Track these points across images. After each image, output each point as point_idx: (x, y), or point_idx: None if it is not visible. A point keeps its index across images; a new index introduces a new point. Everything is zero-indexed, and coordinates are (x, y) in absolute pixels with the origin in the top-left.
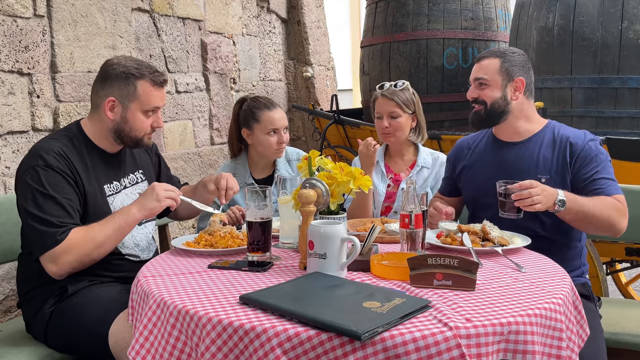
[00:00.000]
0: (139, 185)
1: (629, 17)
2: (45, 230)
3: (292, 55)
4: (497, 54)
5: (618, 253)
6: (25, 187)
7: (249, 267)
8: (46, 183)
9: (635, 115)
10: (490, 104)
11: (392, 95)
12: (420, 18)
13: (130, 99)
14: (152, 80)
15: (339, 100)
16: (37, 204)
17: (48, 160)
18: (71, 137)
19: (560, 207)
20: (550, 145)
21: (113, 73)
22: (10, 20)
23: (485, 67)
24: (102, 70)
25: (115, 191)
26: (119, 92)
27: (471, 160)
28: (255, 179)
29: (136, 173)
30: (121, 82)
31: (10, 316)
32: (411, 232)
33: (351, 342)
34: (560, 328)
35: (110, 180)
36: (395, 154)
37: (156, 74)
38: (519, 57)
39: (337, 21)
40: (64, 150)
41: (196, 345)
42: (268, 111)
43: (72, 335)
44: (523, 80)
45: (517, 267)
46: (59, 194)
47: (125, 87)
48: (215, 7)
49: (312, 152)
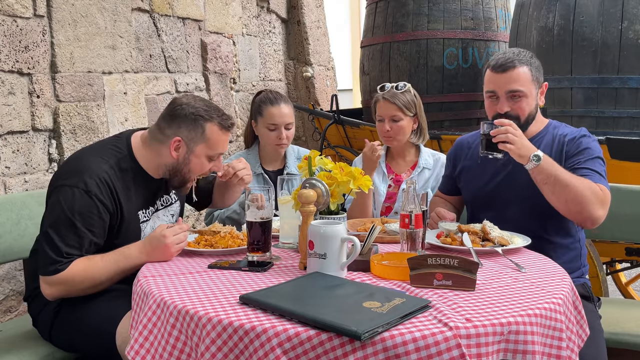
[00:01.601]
0: (172, 206)
1: (629, 17)
2: (51, 256)
3: (292, 55)
4: (524, 61)
5: (618, 253)
6: (55, 202)
7: (249, 267)
8: (77, 209)
9: (635, 115)
10: (525, 118)
11: (394, 99)
12: (420, 18)
13: (198, 141)
14: (221, 124)
15: (339, 100)
16: (57, 225)
17: (89, 185)
18: (120, 159)
19: (535, 161)
20: (549, 144)
21: (182, 113)
22: (10, 20)
23: (520, 78)
24: (170, 107)
25: (148, 217)
26: (187, 133)
27: (472, 160)
28: (265, 170)
29: (171, 194)
30: (190, 123)
31: (11, 316)
32: (411, 232)
33: (351, 342)
34: (560, 328)
35: (147, 205)
36: (397, 155)
37: (224, 117)
38: (536, 59)
39: (337, 21)
40: (110, 175)
41: (196, 345)
42: (271, 106)
43: (77, 332)
44: (547, 84)
45: (517, 267)
46: (83, 224)
47: (193, 129)
48: (215, 7)
49: (312, 152)
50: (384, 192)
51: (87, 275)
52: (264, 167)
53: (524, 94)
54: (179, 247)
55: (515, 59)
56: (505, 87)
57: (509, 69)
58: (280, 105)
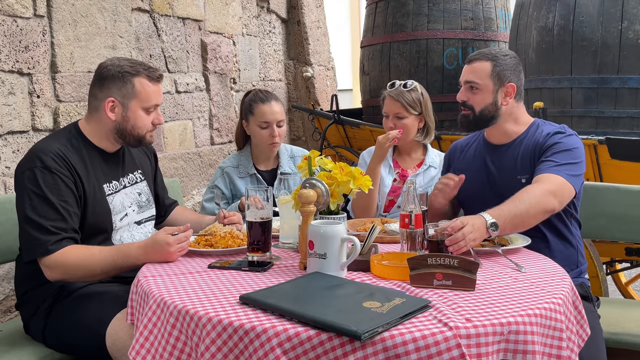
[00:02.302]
0: (138, 185)
1: (629, 17)
2: (38, 236)
3: (292, 55)
4: (488, 56)
5: (618, 253)
6: (22, 188)
7: (249, 267)
8: (43, 185)
9: (635, 115)
10: (480, 110)
11: (399, 97)
12: (420, 18)
13: (130, 97)
14: (148, 76)
15: (339, 100)
16: (32, 206)
17: (46, 161)
18: (70, 138)
19: (494, 229)
20: (531, 144)
21: (109, 74)
22: (10, 20)
23: (477, 71)
24: (97, 72)
25: (115, 190)
26: (117, 91)
27: (462, 165)
28: (258, 170)
29: (135, 173)
30: (118, 81)
31: (11, 316)
32: (411, 232)
33: (351, 342)
34: (560, 328)
35: (110, 179)
36: (404, 152)
37: (151, 69)
38: (511, 60)
39: (337, 21)
40: (63, 150)
41: (196, 345)
42: (262, 104)
43: (69, 334)
44: (514, 86)
45: (517, 268)
46: (56, 196)
47: (123, 86)
48: (215, 7)
49: (312, 152)
50: (389, 184)
51: (84, 265)
52: (257, 167)
53: (478, 86)
54: (180, 254)
55: (484, 53)
56: (464, 77)
57: (472, 61)
58: (271, 103)
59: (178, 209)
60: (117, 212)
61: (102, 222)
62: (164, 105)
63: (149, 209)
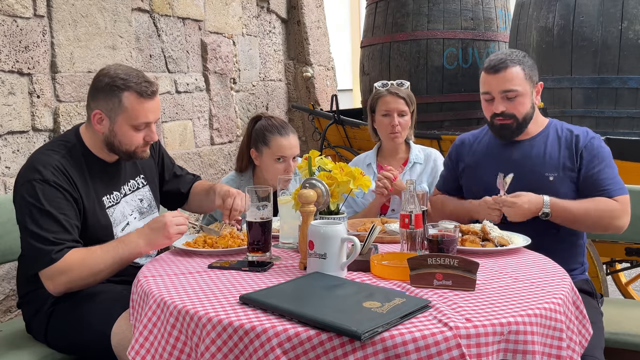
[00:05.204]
0: (140, 191)
1: (629, 17)
2: (41, 247)
3: (292, 55)
4: (516, 61)
5: (618, 253)
6: (22, 201)
7: (249, 267)
8: (43, 198)
9: (635, 115)
10: (522, 116)
11: (401, 93)
12: (420, 18)
13: (116, 112)
14: (139, 91)
15: (339, 100)
16: (33, 219)
17: (45, 175)
18: (70, 148)
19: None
20: (556, 142)
21: (100, 85)
22: (10, 20)
23: (513, 78)
24: (93, 79)
25: (115, 202)
26: (104, 104)
27: (475, 159)
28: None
29: (137, 178)
30: (106, 94)
31: (11, 316)
32: (411, 232)
33: (351, 342)
34: (560, 328)
35: (110, 190)
36: (389, 154)
37: (144, 84)
38: (529, 59)
39: (337, 21)
40: (62, 163)
41: (196, 345)
42: (280, 137)
43: (73, 334)
44: (542, 83)
45: (517, 268)
46: (56, 209)
47: (110, 100)
48: (215, 7)
49: (312, 152)
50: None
51: (86, 264)
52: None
53: (518, 93)
54: (178, 229)
55: (508, 59)
56: (499, 87)
57: (502, 69)
58: (289, 136)
59: (196, 184)
60: (117, 223)
61: (104, 235)
62: (164, 105)
63: (151, 214)
